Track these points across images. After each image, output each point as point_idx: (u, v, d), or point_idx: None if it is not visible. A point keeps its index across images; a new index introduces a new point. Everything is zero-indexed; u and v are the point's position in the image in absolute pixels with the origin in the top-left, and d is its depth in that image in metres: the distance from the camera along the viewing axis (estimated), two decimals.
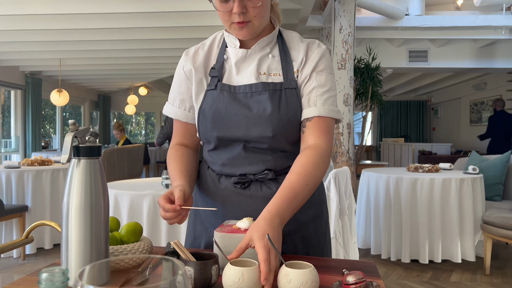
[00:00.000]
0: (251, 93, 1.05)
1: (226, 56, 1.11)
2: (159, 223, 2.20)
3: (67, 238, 0.81)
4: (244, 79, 1.07)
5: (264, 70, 1.08)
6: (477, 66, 7.25)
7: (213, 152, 1.12)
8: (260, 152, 1.07)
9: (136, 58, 6.87)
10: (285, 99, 1.05)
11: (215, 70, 1.10)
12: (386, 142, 11.13)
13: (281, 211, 0.91)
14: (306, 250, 1.11)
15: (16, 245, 1.11)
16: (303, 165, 0.99)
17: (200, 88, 1.11)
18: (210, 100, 1.07)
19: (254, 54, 1.09)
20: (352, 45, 4.69)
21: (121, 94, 11.81)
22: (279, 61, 1.09)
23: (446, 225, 3.32)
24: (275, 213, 0.89)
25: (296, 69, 1.08)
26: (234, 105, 1.05)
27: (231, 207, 1.08)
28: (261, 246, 0.79)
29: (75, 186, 0.81)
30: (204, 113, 1.08)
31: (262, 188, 1.07)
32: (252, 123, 1.03)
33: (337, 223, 2.22)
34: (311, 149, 1.02)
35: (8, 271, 3.31)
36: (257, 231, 0.83)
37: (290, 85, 1.06)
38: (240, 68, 1.08)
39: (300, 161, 1.00)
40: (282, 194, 0.94)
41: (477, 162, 4.10)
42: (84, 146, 0.82)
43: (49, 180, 3.79)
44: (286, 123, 1.04)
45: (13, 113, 7.93)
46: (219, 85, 1.07)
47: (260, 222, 0.87)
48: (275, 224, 0.87)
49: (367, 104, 5.93)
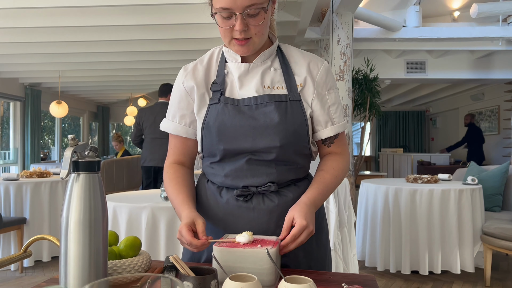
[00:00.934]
0: (257, 105, 1.06)
1: (226, 70, 1.12)
2: (157, 236, 2.19)
3: (66, 253, 0.81)
4: (248, 92, 1.08)
5: (268, 84, 1.09)
6: (474, 77, 7.30)
7: (216, 164, 1.11)
8: (264, 164, 1.07)
9: (135, 70, 6.90)
10: (291, 110, 1.07)
11: (217, 84, 1.10)
12: (385, 152, 11.13)
13: (317, 200, 1.06)
14: (309, 264, 1.11)
15: (15, 259, 1.11)
16: (335, 168, 1.14)
17: (202, 103, 1.11)
18: (214, 113, 1.07)
19: (256, 67, 1.11)
20: (350, 56, 4.72)
21: (120, 105, 11.83)
22: (281, 74, 1.11)
23: (445, 236, 3.31)
24: (313, 201, 1.05)
25: (299, 83, 1.11)
26: (239, 118, 1.05)
27: (233, 220, 1.08)
28: (299, 223, 0.96)
29: (74, 201, 0.81)
30: (208, 127, 1.08)
31: (264, 201, 1.08)
32: (259, 133, 1.05)
33: (336, 235, 2.22)
34: (339, 156, 1.17)
35: (6, 284, 3.28)
36: (299, 212, 0.99)
37: (295, 97, 1.09)
38: (244, 82, 1.10)
39: (331, 164, 1.14)
40: (319, 187, 1.09)
41: (476, 173, 4.10)
42: (83, 161, 0.82)
43: (47, 192, 3.77)
44: (293, 133, 1.06)
45: (12, 125, 7.93)
46: (222, 98, 1.08)
47: (301, 205, 1.02)
48: (312, 210, 1.02)
49: (366, 115, 5.95)
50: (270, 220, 1.07)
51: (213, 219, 1.11)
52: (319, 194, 1.07)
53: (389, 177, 10.04)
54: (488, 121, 9.50)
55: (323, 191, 1.09)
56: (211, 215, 1.11)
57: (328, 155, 1.18)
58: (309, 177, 1.19)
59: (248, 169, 1.07)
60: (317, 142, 1.18)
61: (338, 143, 1.17)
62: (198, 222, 0.98)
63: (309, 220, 0.99)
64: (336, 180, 1.13)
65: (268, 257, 0.86)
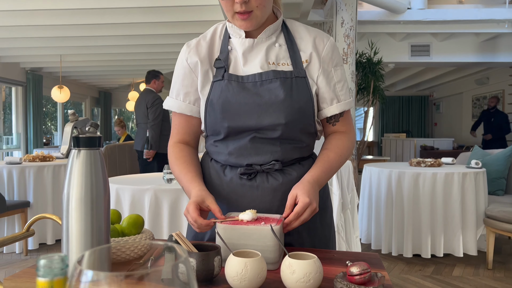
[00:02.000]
0: (261, 81, 1.04)
1: (230, 47, 1.10)
2: (160, 217, 2.19)
3: (68, 230, 0.80)
4: (253, 69, 1.06)
5: (273, 60, 1.07)
6: (479, 61, 7.22)
7: (220, 142, 1.10)
8: (268, 142, 1.06)
9: (137, 54, 6.85)
10: (296, 87, 1.05)
11: (220, 61, 1.08)
12: (387, 137, 11.11)
13: (321, 179, 1.05)
14: (313, 242, 1.10)
15: (17, 238, 1.10)
16: (340, 147, 1.12)
17: (206, 79, 1.09)
18: (218, 91, 1.06)
19: (261, 43, 1.08)
20: (354, 39, 4.67)
21: (122, 91, 11.79)
22: (286, 50, 1.09)
23: (448, 220, 3.31)
24: (316, 179, 1.04)
25: (304, 59, 1.08)
26: (244, 95, 1.04)
27: (237, 198, 1.07)
28: (302, 201, 0.95)
29: (75, 177, 0.80)
30: (212, 105, 1.06)
31: (268, 179, 1.07)
32: (264, 111, 1.03)
33: (339, 217, 2.21)
34: (344, 135, 1.15)
35: (11, 267, 3.31)
36: (302, 189, 0.99)
37: (300, 74, 1.06)
38: (248, 58, 1.08)
39: (336, 143, 1.13)
40: (323, 165, 1.08)
41: (480, 157, 4.08)
42: (84, 136, 0.81)
43: (50, 176, 3.78)
44: (298, 111, 1.04)
45: (14, 110, 7.92)
46: (226, 75, 1.06)
47: (304, 183, 1.01)
48: (315, 188, 1.02)
49: (369, 99, 5.91)
50: (274, 198, 1.06)
51: (216, 197, 1.10)
52: (322, 172, 1.06)
53: (392, 161, 10.03)
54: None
55: (327, 170, 1.07)
56: (215, 193, 1.10)
57: (333, 134, 1.15)
58: (313, 156, 1.18)
59: (252, 147, 1.06)
60: (322, 121, 1.15)
61: (343, 121, 1.15)
62: (209, 200, 0.97)
63: (312, 197, 0.98)
64: (341, 159, 1.11)
65: (272, 234, 0.86)
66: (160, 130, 4.40)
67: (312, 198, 0.98)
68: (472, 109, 10.33)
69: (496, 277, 3.04)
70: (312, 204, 0.97)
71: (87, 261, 0.35)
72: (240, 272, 0.73)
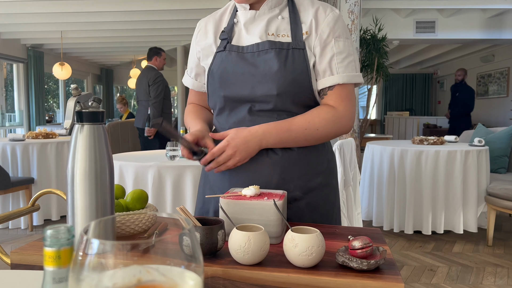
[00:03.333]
0: (258, 52, 1.05)
1: (236, 19, 1.13)
2: (164, 194, 2.21)
3: (73, 204, 0.81)
4: (253, 39, 1.08)
5: (273, 31, 1.08)
6: (485, 37, 7.10)
7: (219, 116, 1.13)
8: (265, 115, 1.06)
9: (138, 30, 6.77)
10: (291, 58, 1.04)
11: (224, 33, 1.11)
12: (390, 115, 11.06)
13: (267, 133, 1.02)
14: (313, 218, 1.10)
15: (23, 212, 1.12)
16: (311, 113, 1.05)
17: (209, 51, 1.14)
18: (219, 61, 1.09)
19: (263, 15, 1.09)
20: (358, 15, 4.59)
21: (123, 68, 11.71)
22: (289, 22, 1.08)
23: (449, 197, 3.33)
24: (260, 132, 1.01)
25: (305, 31, 1.07)
26: (241, 65, 1.06)
27: (236, 172, 1.08)
28: (224, 143, 1.00)
29: (79, 152, 0.80)
30: (212, 74, 1.10)
31: (268, 153, 1.07)
32: (258, 81, 1.04)
33: (341, 193, 2.23)
34: (327, 107, 1.07)
35: (16, 242, 3.37)
36: (233, 133, 1.01)
37: (298, 45, 1.05)
38: (249, 29, 1.09)
39: (312, 111, 1.06)
40: (278, 123, 1.03)
41: (483, 135, 4.07)
42: (87, 111, 0.80)
43: (54, 152, 3.80)
44: (291, 82, 1.03)
45: (16, 87, 7.90)
46: (228, 46, 1.09)
47: (243, 130, 1.01)
48: (251, 140, 1.01)
49: (373, 76, 5.85)
50: (274, 172, 1.06)
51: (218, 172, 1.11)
52: (273, 128, 1.01)
53: (395, 139, 10.02)
54: (497, 83, 9.34)
55: (281, 128, 1.01)
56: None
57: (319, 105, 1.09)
58: None
59: (250, 120, 1.07)
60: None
61: (333, 95, 1.06)
62: (208, 139, 1.05)
63: (236, 144, 1.00)
64: (309, 127, 1.02)
65: (275, 208, 0.86)
66: (161, 107, 4.38)
67: (234, 145, 1.00)
68: (477, 87, 10.24)
69: (496, 254, 3.08)
70: (228, 151, 1.00)
71: (92, 231, 0.36)
72: (244, 245, 0.74)
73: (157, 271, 0.36)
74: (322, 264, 0.76)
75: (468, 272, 2.74)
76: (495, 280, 2.60)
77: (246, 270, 0.74)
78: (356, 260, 0.73)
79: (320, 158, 1.12)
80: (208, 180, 1.17)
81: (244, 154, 1.02)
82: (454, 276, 2.67)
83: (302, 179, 1.08)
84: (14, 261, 0.82)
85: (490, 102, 9.64)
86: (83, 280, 0.34)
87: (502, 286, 2.52)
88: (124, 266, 0.34)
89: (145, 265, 0.36)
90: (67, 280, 0.40)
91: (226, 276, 0.74)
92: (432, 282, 2.57)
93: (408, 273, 2.71)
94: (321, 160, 1.12)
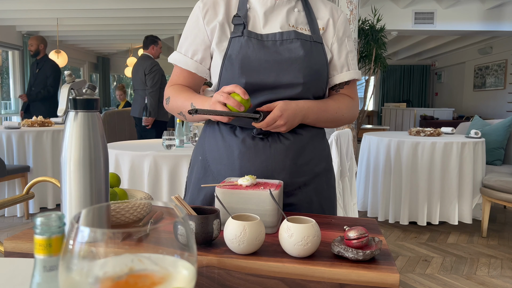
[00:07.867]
0: (282, 40, 1.07)
1: (249, 5, 1.12)
2: (160, 183, 2.21)
3: (67, 193, 0.80)
4: (273, 28, 1.09)
5: (293, 23, 1.11)
6: (484, 29, 7.07)
7: None
8: None
9: (135, 19, 6.70)
10: (315, 50, 1.09)
11: (239, 18, 1.09)
12: (388, 107, 11.05)
13: (310, 110, 1.06)
14: (320, 202, 1.13)
15: (17, 200, 1.11)
16: (338, 100, 1.14)
17: (223, 36, 1.09)
18: (238, 46, 1.06)
19: (282, 5, 1.12)
20: (357, 5, 4.56)
21: (120, 56, 11.62)
22: (305, 16, 1.13)
23: (445, 188, 3.34)
24: (306, 107, 1.05)
25: (321, 27, 1.14)
26: (264, 52, 1.05)
27: (249, 157, 1.07)
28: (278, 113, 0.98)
29: (74, 140, 0.79)
30: (231, 60, 1.06)
31: (280, 139, 1.08)
32: (284, 69, 1.05)
33: (337, 184, 2.23)
34: (347, 97, 1.17)
35: (12, 229, 3.37)
36: (285, 104, 1.00)
37: (318, 39, 1.11)
38: (269, 18, 1.10)
39: (339, 97, 1.15)
40: (318, 102, 1.08)
41: (480, 127, 4.07)
42: (81, 98, 0.79)
43: (49, 141, 3.78)
44: (316, 72, 1.08)
45: (12, 74, 7.83)
46: (246, 32, 1.07)
47: (291, 103, 1.02)
48: (298, 113, 1.03)
49: (370, 67, 5.84)
50: (286, 157, 1.07)
51: (229, 158, 1.09)
52: (314, 107, 1.07)
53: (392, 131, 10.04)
54: (495, 75, 9.34)
55: (320, 108, 1.09)
56: (228, 154, 1.09)
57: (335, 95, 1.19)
58: None
59: None
60: (329, 90, 1.19)
61: (348, 89, 1.18)
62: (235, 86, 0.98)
63: (287, 115, 1.00)
64: (338, 111, 1.12)
65: (271, 198, 0.86)
66: (158, 97, 4.36)
67: (286, 116, 1.00)
68: (474, 79, 10.24)
69: (490, 245, 3.10)
70: (280, 120, 0.99)
71: (84, 219, 0.35)
72: (239, 235, 0.73)
73: (150, 260, 0.36)
74: (318, 254, 0.76)
75: (462, 262, 2.76)
76: (489, 271, 2.63)
77: (241, 259, 0.73)
78: (352, 250, 0.73)
79: (323, 144, 1.16)
80: (210, 171, 1.13)
81: (289, 126, 1.02)
82: (448, 267, 2.69)
83: (310, 164, 1.11)
84: (8, 249, 0.82)
85: (487, 94, 9.65)
86: (73, 269, 0.33)
87: (496, 276, 2.55)
88: (116, 255, 0.34)
89: (137, 254, 0.35)
90: (58, 268, 0.39)
91: (221, 266, 0.74)
92: (427, 272, 2.59)
93: (403, 263, 2.73)
94: (323, 145, 1.17)
